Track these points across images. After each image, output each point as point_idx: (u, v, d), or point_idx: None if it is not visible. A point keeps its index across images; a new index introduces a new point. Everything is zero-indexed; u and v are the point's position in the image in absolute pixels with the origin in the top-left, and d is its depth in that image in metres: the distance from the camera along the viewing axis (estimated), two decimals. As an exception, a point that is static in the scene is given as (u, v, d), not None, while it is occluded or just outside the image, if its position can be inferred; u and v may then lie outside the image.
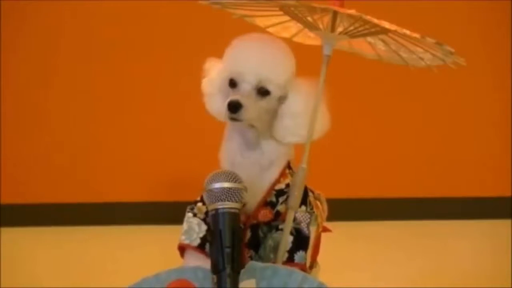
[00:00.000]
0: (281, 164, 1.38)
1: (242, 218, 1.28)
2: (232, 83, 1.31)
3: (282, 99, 1.33)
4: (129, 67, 2.83)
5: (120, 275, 1.79)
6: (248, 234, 1.38)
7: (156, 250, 2.18)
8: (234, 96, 1.28)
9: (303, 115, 1.33)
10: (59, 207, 2.85)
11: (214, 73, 1.38)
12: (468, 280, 2.20)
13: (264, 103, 1.30)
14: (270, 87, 1.30)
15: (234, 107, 1.25)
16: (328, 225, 1.52)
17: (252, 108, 1.28)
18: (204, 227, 1.38)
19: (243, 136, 1.35)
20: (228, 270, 1.17)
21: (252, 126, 1.33)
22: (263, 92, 1.30)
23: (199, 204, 1.41)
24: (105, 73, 2.83)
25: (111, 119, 2.87)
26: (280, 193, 1.37)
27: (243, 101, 1.26)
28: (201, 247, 1.37)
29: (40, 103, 2.84)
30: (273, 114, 1.34)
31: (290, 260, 1.35)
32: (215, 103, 1.37)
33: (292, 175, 1.39)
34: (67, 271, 2.31)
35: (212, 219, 1.22)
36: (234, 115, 1.26)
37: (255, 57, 1.30)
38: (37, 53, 2.81)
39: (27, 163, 2.85)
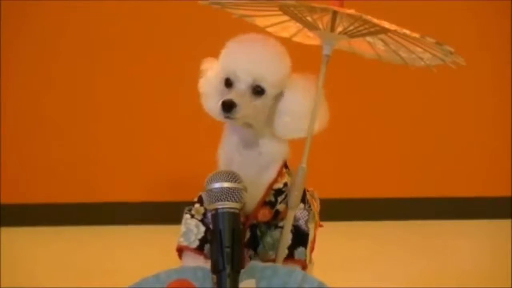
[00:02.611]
0: (279, 163, 1.38)
1: (242, 218, 1.28)
2: (228, 83, 1.32)
3: (278, 96, 1.33)
4: (129, 67, 2.83)
5: (120, 275, 1.79)
6: (247, 234, 1.38)
7: (156, 250, 2.18)
8: (228, 95, 1.28)
9: (301, 111, 1.33)
10: (59, 207, 2.85)
11: (210, 73, 1.39)
12: (468, 280, 2.20)
13: (259, 102, 1.31)
14: (265, 86, 1.30)
15: (228, 106, 1.26)
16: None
17: (247, 106, 1.28)
18: (202, 229, 1.38)
19: (241, 135, 1.35)
20: (228, 270, 1.17)
21: (249, 125, 1.33)
22: (258, 91, 1.30)
23: (197, 205, 1.40)
24: (105, 73, 2.84)
25: (111, 119, 2.87)
26: (278, 192, 1.37)
27: (237, 100, 1.27)
28: (199, 249, 1.37)
29: (40, 103, 2.84)
30: (270, 113, 1.34)
31: (290, 257, 1.35)
32: (212, 103, 1.37)
33: (289, 174, 1.39)
34: (67, 271, 2.31)
35: (212, 219, 1.22)
36: (228, 114, 1.27)
37: (249, 56, 1.31)
38: (37, 53, 2.81)
39: (27, 163, 2.85)
